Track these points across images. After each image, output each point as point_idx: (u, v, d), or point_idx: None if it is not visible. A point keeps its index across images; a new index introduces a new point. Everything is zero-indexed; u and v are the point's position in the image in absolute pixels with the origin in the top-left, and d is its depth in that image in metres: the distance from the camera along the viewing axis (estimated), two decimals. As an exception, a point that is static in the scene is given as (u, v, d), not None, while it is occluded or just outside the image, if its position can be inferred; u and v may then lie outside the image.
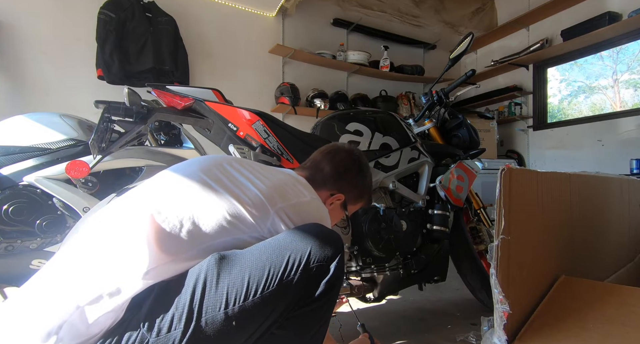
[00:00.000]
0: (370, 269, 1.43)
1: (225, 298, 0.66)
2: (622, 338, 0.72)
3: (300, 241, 0.72)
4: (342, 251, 0.76)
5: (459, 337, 1.44)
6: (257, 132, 1.30)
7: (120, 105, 1.20)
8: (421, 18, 4.21)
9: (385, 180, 1.46)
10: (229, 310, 0.65)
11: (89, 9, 2.87)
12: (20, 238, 1.31)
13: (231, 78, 3.54)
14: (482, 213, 1.86)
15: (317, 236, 0.74)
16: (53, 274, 0.69)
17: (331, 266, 0.73)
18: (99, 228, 0.74)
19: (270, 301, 0.67)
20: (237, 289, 0.66)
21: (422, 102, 1.92)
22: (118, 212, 0.76)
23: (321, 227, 0.78)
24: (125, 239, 0.70)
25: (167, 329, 0.64)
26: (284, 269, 0.68)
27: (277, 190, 0.81)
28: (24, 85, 2.75)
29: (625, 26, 3.15)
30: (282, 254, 0.70)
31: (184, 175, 0.81)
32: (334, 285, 0.74)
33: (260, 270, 0.68)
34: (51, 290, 0.66)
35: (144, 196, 0.77)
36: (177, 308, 0.65)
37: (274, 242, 0.72)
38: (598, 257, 1.15)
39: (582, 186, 1.06)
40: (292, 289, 0.69)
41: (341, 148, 1.05)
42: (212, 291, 0.66)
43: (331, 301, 0.77)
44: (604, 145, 3.43)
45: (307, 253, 0.70)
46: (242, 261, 0.69)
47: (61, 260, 0.71)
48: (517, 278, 0.78)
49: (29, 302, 0.66)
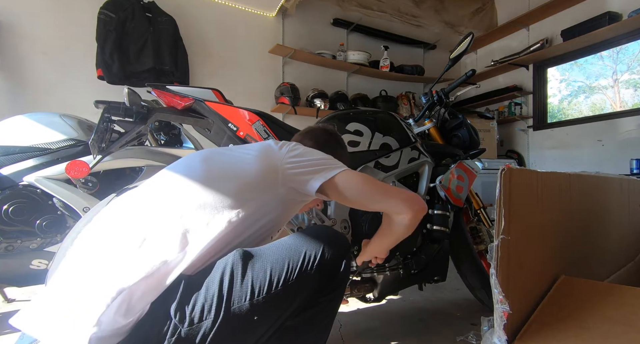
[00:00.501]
0: (370, 269, 1.43)
1: (251, 289, 0.71)
2: (622, 338, 0.72)
3: (313, 240, 0.79)
4: (350, 250, 0.84)
5: (459, 337, 1.44)
6: (257, 132, 1.30)
7: (120, 105, 1.20)
8: (421, 18, 4.21)
9: (385, 180, 1.46)
10: (255, 300, 0.71)
11: (89, 9, 2.87)
12: (20, 238, 1.31)
13: (231, 78, 3.54)
14: (482, 213, 1.85)
15: (328, 237, 0.81)
16: (84, 263, 0.72)
17: (342, 262, 0.81)
18: (126, 215, 0.79)
19: (291, 291, 0.74)
20: (260, 281, 0.72)
21: (422, 102, 1.92)
22: (147, 199, 0.82)
23: (329, 230, 0.86)
24: (159, 224, 0.75)
25: (198, 318, 0.68)
26: (301, 263, 0.75)
27: (270, 150, 0.90)
28: (24, 85, 2.75)
29: (625, 26, 3.15)
30: (298, 250, 0.77)
31: (192, 164, 0.88)
32: (344, 280, 0.83)
33: (281, 264, 0.74)
34: (89, 277, 0.69)
35: (169, 186, 0.83)
36: (206, 298, 0.70)
37: (290, 241, 0.79)
38: (598, 257, 1.15)
39: (582, 186, 1.06)
40: (309, 281, 0.76)
41: (315, 127, 1.15)
42: (238, 283, 0.71)
43: (340, 296, 0.84)
44: (604, 145, 3.43)
45: (320, 250, 0.77)
46: (263, 257, 0.75)
47: (88, 249, 0.75)
48: (517, 278, 0.78)
49: (67, 289, 0.69)
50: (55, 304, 0.68)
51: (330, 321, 0.86)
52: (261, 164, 0.86)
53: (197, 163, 0.87)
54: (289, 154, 0.89)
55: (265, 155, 0.88)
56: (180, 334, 0.68)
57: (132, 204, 0.81)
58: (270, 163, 0.86)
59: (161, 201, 0.80)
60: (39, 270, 1.34)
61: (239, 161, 0.88)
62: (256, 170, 0.85)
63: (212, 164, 0.87)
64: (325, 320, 0.84)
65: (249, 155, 0.89)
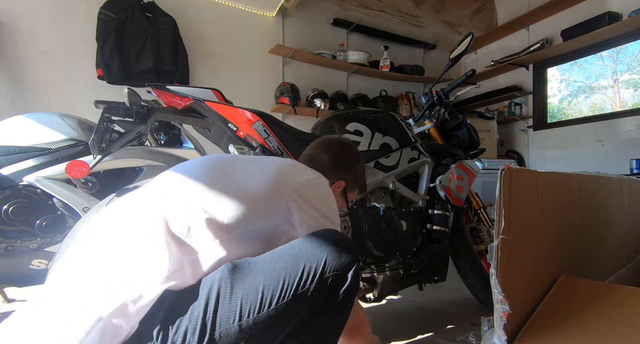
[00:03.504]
0: (370, 269, 1.43)
1: (240, 310, 0.64)
2: (622, 338, 0.72)
3: (315, 249, 0.70)
4: (359, 259, 0.73)
5: (459, 337, 1.44)
6: (257, 132, 1.30)
7: (120, 105, 1.20)
8: (421, 18, 4.21)
9: (385, 180, 1.46)
10: (243, 322, 0.64)
11: (89, 9, 2.87)
12: (20, 238, 1.31)
13: (231, 78, 3.53)
14: (482, 213, 1.85)
15: (333, 244, 0.71)
16: (69, 284, 0.66)
17: (348, 275, 0.71)
18: (110, 232, 0.72)
19: (285, 313, 0.66)
20: (251, 300, 0.64)
21: (422, 102, 1.92)
22: (129, 215, 0.74)
23: (337, 234, 0.76)
24: (143, 243, 0.68)
25: (180, 342, 0.63)
26: (299, 279, 0.66)
27: (285, 173, 0.82)
28: (24, 85, 2.74)
29: (625, 26, 3.15)
30: (296, 263, 0.68)
31: (191, 173, 0.80)
32: (351, 294, 0.72)
33: (275, 280, 0.66)
34: (71, 302, 0.63)
35: (155, 198, 0.76)
36: (190, 320, 0.64)
37: (289, 250, 0.70)
38: (598, 257, 1.15)
39: (582, 186, 1.06)
40: (307, 300, 0.67)
41: (331, 138, 1.10)
42: (226, 302, 0.64)
43: (347, 310, 0.75)
44: (604, 145, 3.42)
45: (322, 262, 0.68)
46: (256, 271, 0.67)
47: (74, 268, 0.68)
48: (517, 278, 0.78)
49: (49, 315, 0.63)
50: (34, 326, 0.62)
51: (335, 340, 0.77)
52: (270, 198, 0.77)
53: (200, 174, 0.79)
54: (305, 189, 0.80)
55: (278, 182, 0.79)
56: None
57: (117, 219, 0.74)
58: (278, 194, 0.78)
59: (146, 217, 0.71)
60: (39, 270, 1.34)
61: (250, 179, 0.79)
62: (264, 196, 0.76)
63: (218, 180, 0.78)
64: (329, 339, 0.76)
65: (262, 175, 0.80)
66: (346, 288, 0.71)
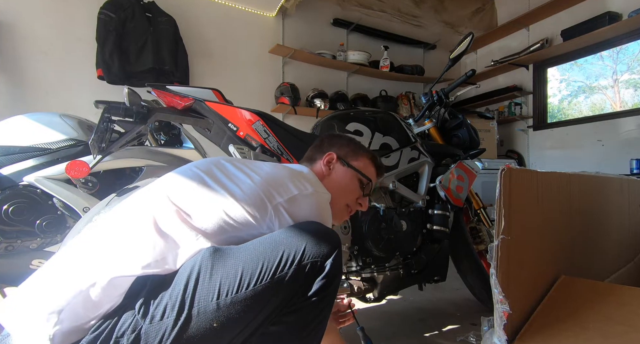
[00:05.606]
0: (371, 269, 1.43)
1: (218, 289, 0.66)
2: (622, 338, 0.72)
3: (295, 237, 0.72)
4: (338, 249, 0.75)
5: (459, 337, 1.44)
6: (257, 132, 1.30)
7: (120, 105, 1.20)
8: (421, 18, 4.21)
9: (385, 180, 1.46)
10: (221, 301, 0.66)
11: (89, 9, 2.87)
12: (20, 238, 1.31)
13: (231, 78, 3.54)
14: (482, 213, 1.86)
15: (313, 234, 0.74)
16: (59, 262, 0.72)
17: (326, 264, 0.73)
18: (104, 223, 0.77)
19: (262, 295, 0.68)
20: (230, 281, 0.67)
21: (422, 102, 1.92)
22: (125, 209, 0.79)
23: (318, 225, 0.78)
24: (132, 233, 0.72)
25: (160, 317, 0.65)
26: (277, 264, 0.69)
27: (275, 184, 0.81)
28: (24, 85, 2.75)
29: (625, 26, 3.15)
30: (276, 249, 0.70)
31: (185, 175, 0.83)
32: (330, 283, 0.74)
33: (254, 264, 0.68)
34: (57, 275, 0.69)
35: (149, 196, 0.80)
36: (170, 297, 0.67)
37: (270, 238, 0.73)
38: (598, 257, 1.15)
39: (582, 186, 1.06)
40: (284, 285, 0.69)
41: (327, 134, 1.12)
42: (206, 281, 0.67)
43: (327, 299, 0.76)
44: (604, 145, 3.43)
45: (301, 249, 0.71)
46: (237, 255, 0.70)
47: (68, 249, 0.75)
48: (517, 278, 0.78)
49: (36, 287, 0.69)
50: (26, 297, 0.68)
51: (319, 327, 0.78)
52: (255, 208, 0.77)
53: (193, 177, 0.81)
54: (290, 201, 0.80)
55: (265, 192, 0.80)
56: (140, 331, 0.65)
57: (113, 213, 0.79)
58: (263, 206, 0.78)
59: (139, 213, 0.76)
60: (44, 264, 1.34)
61: (238, 185, 0.80)
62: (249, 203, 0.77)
63: (212, 181, 0.80)
64: (311, 325, 0.76)
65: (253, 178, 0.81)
66: (324, 276, 0.73)
